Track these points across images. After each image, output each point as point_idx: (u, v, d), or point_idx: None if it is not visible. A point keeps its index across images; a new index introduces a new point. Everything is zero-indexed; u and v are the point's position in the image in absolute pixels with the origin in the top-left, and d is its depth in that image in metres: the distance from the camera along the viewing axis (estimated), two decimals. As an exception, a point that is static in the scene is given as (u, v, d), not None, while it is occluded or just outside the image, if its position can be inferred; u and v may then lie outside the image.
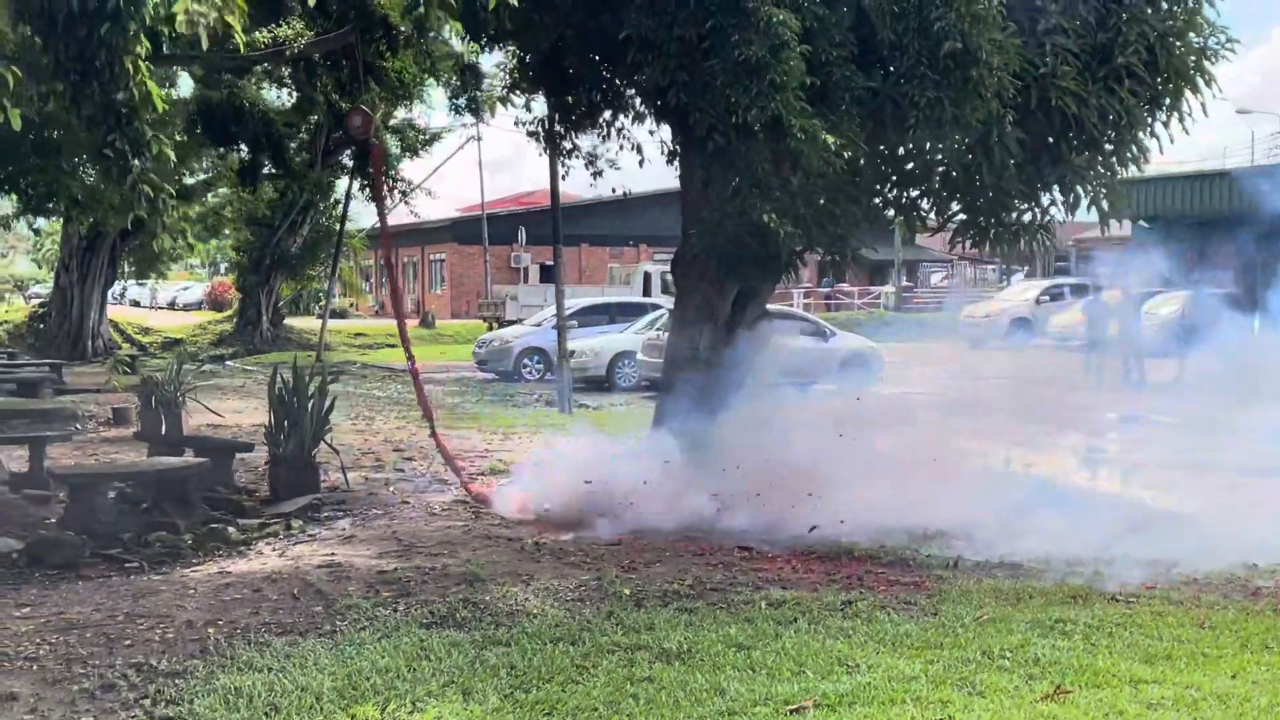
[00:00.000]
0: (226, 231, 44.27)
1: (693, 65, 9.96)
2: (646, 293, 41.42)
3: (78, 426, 17.24)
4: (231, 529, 10.08)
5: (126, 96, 8.09)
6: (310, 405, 11.91)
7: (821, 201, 10.81)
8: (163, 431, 14.62)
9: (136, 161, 8.45)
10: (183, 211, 26.32)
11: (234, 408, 20.70)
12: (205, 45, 7.69)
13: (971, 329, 35.51)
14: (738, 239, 10.75)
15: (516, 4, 8.51)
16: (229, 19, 7.90)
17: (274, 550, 9.55)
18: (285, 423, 11.79)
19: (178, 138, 30.80)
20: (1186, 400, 19.08)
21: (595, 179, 13.63)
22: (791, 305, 42.83)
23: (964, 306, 41.13)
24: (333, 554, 9.31)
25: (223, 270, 76.59)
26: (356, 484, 12.79)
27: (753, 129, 9.65)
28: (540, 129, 13.15)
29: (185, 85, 31.58)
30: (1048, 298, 37.58)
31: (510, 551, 9.42)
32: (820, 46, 9.86)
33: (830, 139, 9.48)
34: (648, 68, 10.20)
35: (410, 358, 13.14)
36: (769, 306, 13.37)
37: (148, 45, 7.85)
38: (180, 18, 7.40)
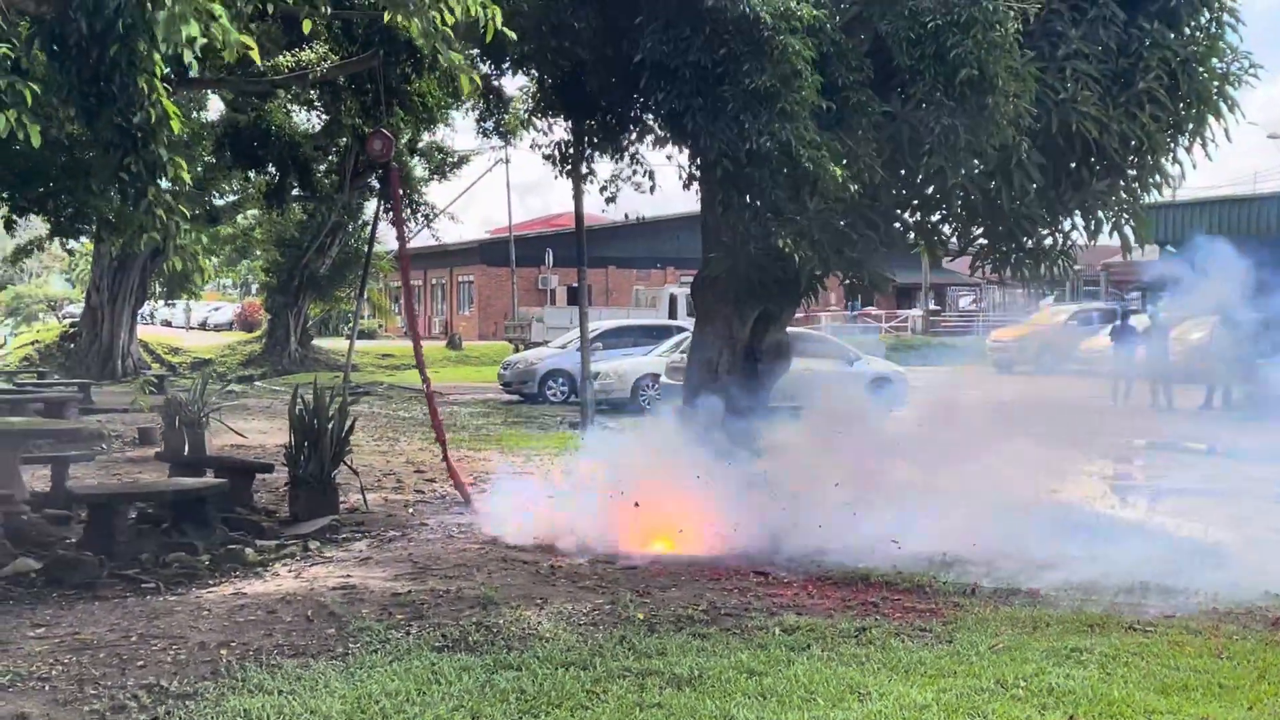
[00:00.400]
0: (258, 252, 44.58)
1: (707, 90, 9.99)
2: (673, 315, 41.47)
3: (103, 446, 17.36)
4: (249, 550, 10.11)
5: (143, 118, 8.15)
6: (330, 426, 11.95)
7: (841, 225, 10.81)
8: (185, 452, 14.70)
9: (153, 184, 8.51)
10: (197, 234, 26.42)
11: (259, 428, 20.79)
12: (194, 66, 7.73)
13: (999, 353, 35.31)
14: (757, 263, 10.75)
15: (515, 37, 8.53)
16: (246, 39, 7.97)
17: (290, 572, 9.58)
18: (305, 444, 11.83)
19: (207, 159, 31.13)
20: (1216, 427, 18.97)
21: (609, 204, 13.66)
22: (819, 328, 42.71)
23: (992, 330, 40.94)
24: (348, 576, 9.33)
25: (253, 291, 77.11)
26: (376, 505, 12.83)
27: (765, 156, 9.66)
28: (557, 152, 13.21)
29: (215, 109, 31.88)
30: (1076, 322, 37.33)
31: (526, 574, 9.41)
32: (837, 72, 9.88)
33: (838, 171, 9.49)
34: (662, 93, 10.24)
35: (425, 380, 13.18)
36: (794, 329, 13.37)
37: (163, 66, 7.90)
38: (200, 40, 7.46)
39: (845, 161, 9.90)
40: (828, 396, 14.20)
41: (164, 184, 8.49)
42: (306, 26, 9.36)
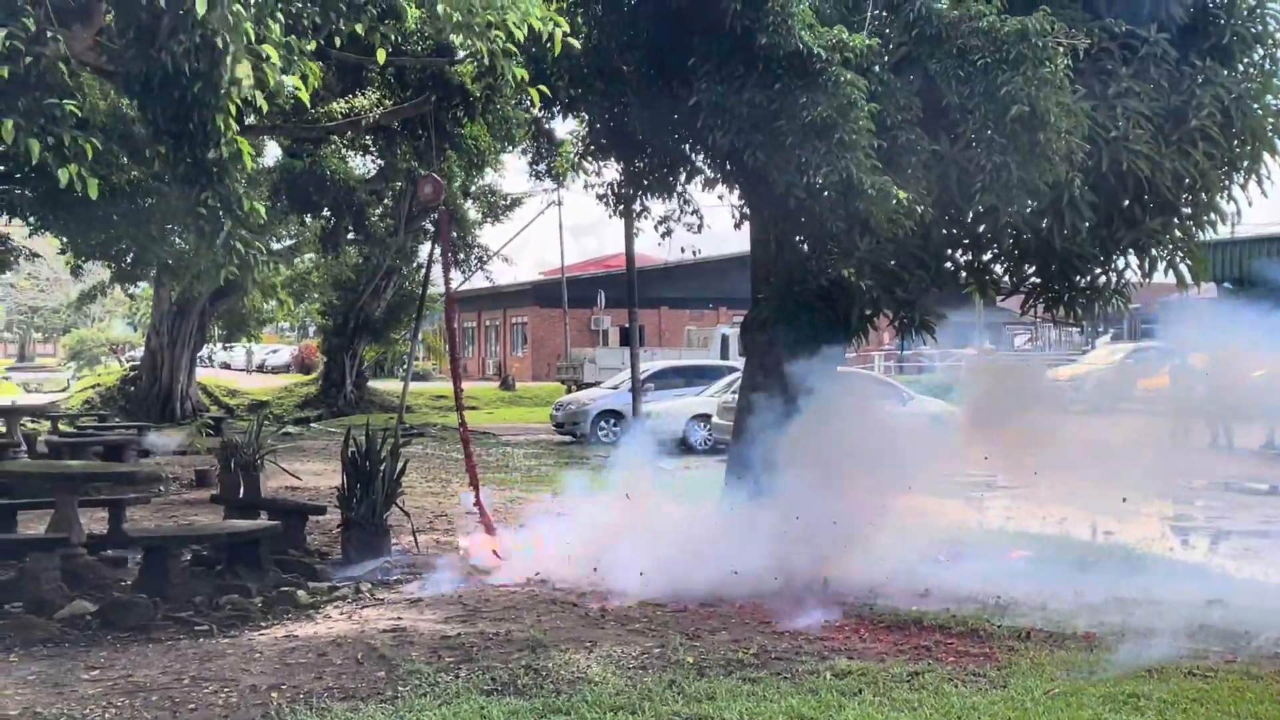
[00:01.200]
0: (315, 295, 45.00)
1: (765, 126, 10.00)
2: (724, 355, 41.40)
3: (161, 489, 17.53)
4: (301, 592, 10.15)
5: (218, 155, 8.35)
6: (383, 468, 11.99)
7: (892, 264, 10.74)
8: (240, 494, 14.80)
9: (228, 220, 8.68)
10: (275, 267, 26.49)
11: (314, 470, 20.93)
12: (262, 105, 7.90)
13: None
14: (806, 302, 10.71)
15: (579, 44, 8.62)
16: (298, 82, 8.16)
17: (341, 614, 9.60)
18: (357, 486, 11.88)
19: (264, 203, 31.51)
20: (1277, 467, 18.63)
21: (664, 239, 13.69)
22: (871, 368, 42.52)
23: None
24: (399, 618, 9.34)
25: (310, 333, 77.71)
26: (428, 547, 12.84)
27: (823, 189, 9.64)
28: (610, 193, 13.25)
29: (271, 155, 32.36)
30: (1134, 361, 36.83)
31: (575, 617, 9.37)
32: (886, 110, 9.87)
33: (903, 194, 9.44)
34: (719, 131, 10.26)
35: (462, 424, 13.25)
36: (843, 369, 13.28)
37: (238, 103, 8.08)
38: (245, 82, 7.62)
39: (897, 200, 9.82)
40: (880, 437, 14.08)
41: (238, 219, 8.66)
42: (381, 56, 9.49)
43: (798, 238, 11.32)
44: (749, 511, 10.88)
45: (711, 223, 13.39)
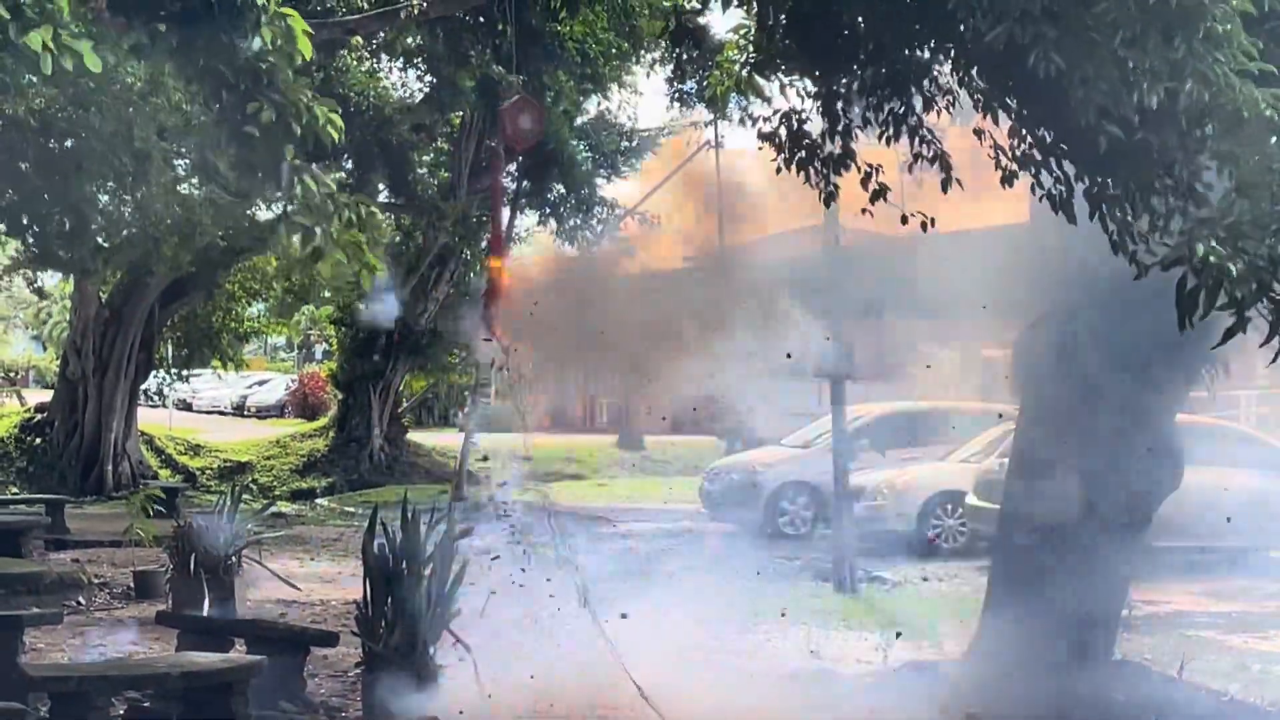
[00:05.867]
0: (324, 293, 44.96)
1: (1068, 13, 9.81)
2: (988, 393, 40.96)
3: (80, 601, 17.83)
4: (298, 770, 10.27)
5: (254, 44, 8.40)
6: (429, 573, 12.05)
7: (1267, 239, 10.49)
8: (204, 610, 15.01)
9: (288, 144, 8.72)
10: (368, 211, 26.10)
11: (320, 573, 21.15)
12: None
13: None
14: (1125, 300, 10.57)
15: None
16: None
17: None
18: (389, 601, 11.95)
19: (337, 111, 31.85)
20: None
21: (874, 202, 13.44)
22: (1234, 419, 41.63)
23: None
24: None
25: (317, 356, 78.32)
26: (504, 699, 12.83)
27: (1177, 119, 9.46)
28: (785, 127, 13.04)
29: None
30: None
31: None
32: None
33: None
34: (984, 16, 10.08)
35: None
36: (1187, 417, 13.09)
37: None
38: None
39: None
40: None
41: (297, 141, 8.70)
42: None
43: (1114, 191, 11.09)
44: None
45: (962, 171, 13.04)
